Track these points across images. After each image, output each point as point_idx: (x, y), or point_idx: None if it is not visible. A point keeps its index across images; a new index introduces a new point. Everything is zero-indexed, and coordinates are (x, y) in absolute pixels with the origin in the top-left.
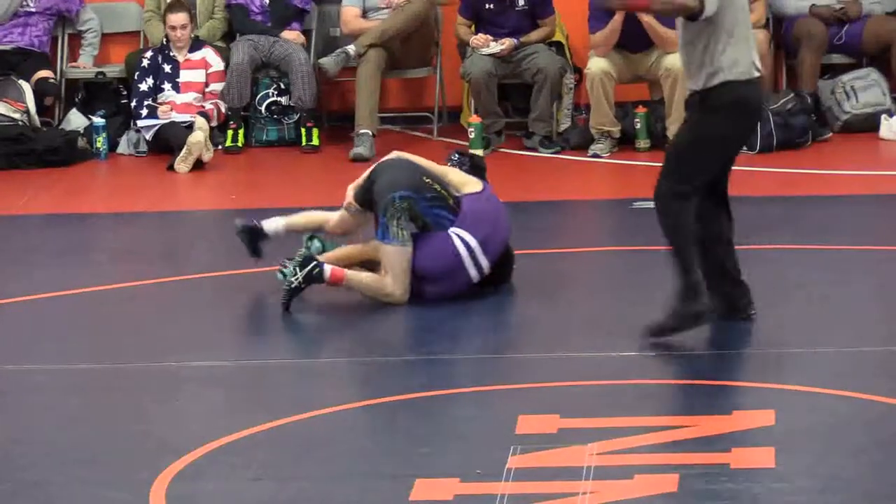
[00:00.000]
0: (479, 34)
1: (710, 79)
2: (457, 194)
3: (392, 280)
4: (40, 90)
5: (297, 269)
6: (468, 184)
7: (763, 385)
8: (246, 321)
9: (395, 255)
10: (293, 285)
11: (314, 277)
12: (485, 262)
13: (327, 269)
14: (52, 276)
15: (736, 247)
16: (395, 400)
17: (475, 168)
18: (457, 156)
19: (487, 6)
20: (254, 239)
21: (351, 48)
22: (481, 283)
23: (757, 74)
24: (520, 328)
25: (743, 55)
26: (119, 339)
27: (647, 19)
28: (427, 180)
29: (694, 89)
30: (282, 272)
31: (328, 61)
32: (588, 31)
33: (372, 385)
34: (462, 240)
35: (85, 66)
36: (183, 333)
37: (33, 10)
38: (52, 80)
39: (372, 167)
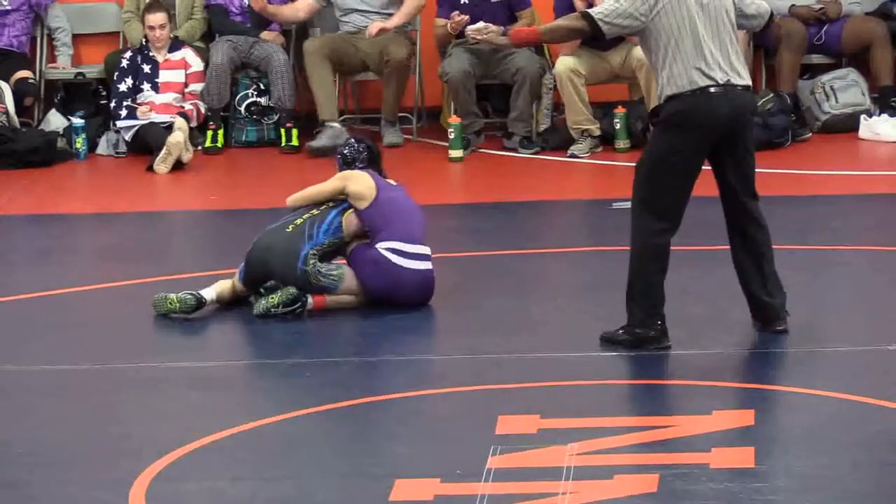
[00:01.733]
0: (452, 16)
1: (659, 95)
2: (360, 208)
3: (356, 296)
4: (20, 91)
5: (281, 306)
6: (362, 196)
7: (742, 385)
8: (226, 322)
9: (345, 288)
10: (270, 313)
11: (295, 313)
12: (422, 250)
13: (310, 304)
14: (31, 277)
15: (709, 247)
16: (375, 400)
17: (372, 157)
18: (353, 143)
19: (463, 1)
20: (195, 309)
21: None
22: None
23: (704, 84)
24: (500, 328)
25: (682, 68)
26: (99, 340)
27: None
28: (298, 220)
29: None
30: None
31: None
32: None
33: (352, 386)
34: (390, 250)
35: (64, 66)
36: (163, 334)
37: (8, 7)
38: (31, 81)
39: (247, 260)
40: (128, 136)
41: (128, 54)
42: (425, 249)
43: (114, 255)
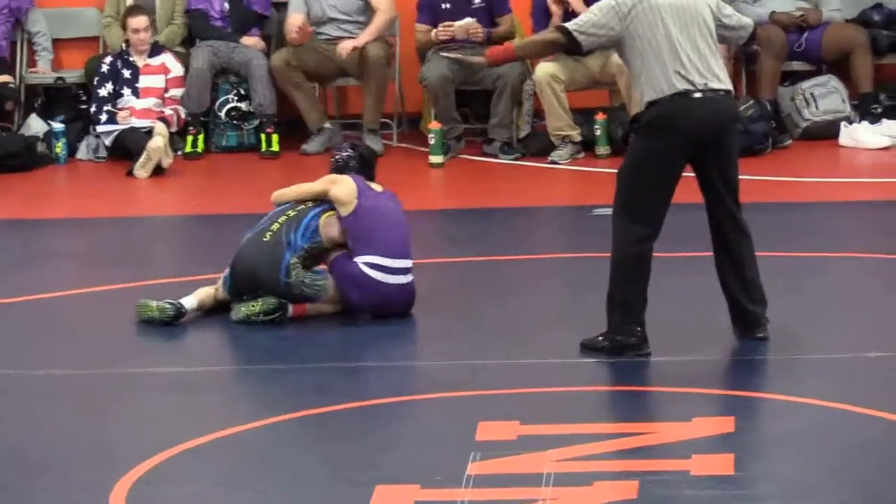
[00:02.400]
0: (440, 26)
1: (640, 102)
2: (342, 214)
3: (336, 304)
4: (0, 95)
5: (262, 315)
6: (344, 202)
7: (723, 392)
8: (207, 327)
9: (329, 298)
10: (249, 320)
11: (275, 321)
12: (404, 263)
13: (290, 312)
14: (11, 282)
15: (690, 254)
16: (354, 406)
17: (363, 163)
18: (347, 149)
19: (444, 6)
20: (175, 318)
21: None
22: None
23: (683, 87)
24: (479, 334)
25: (660, 73)
26: (80, 345)
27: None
28: (274, 225)
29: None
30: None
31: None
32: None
33: (332, 391)
34: (370, 265)
35: (44, 71)
36: (143, 339)
37: None
38: (11, 85)
39: (232, 273)
40: (108, 141)
41: (108, 59)
42: (406, 263)
43: (93, 260)
